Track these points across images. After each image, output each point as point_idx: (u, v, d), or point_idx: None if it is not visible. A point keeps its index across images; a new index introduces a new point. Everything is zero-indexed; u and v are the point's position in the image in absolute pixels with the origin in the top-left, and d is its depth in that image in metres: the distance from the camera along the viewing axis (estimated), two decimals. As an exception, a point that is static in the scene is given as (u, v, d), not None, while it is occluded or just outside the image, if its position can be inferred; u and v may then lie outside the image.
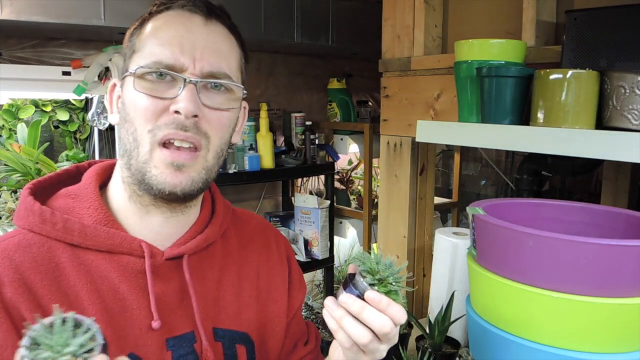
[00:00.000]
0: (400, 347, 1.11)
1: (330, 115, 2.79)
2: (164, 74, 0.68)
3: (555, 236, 0.84)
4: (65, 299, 0.65)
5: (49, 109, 2.58)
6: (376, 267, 0.70)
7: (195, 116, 0.67)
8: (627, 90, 0.89)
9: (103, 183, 0.76)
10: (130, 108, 0.69)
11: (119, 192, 0.73)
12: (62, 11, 1.78)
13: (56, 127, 2.67)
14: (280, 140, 2.72)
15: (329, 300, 0.71)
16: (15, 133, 2.47)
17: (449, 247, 1.35)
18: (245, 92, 0.74)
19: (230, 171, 2.21)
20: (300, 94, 2.99)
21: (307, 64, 2.98)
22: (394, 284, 0.69)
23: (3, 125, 2.51)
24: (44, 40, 2.13)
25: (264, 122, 2.35)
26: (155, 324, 0.68)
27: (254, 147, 2.33)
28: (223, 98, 0.71)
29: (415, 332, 1.30)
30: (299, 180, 2.97)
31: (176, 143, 0.67)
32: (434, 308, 1.37)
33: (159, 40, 0.69)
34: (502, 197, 2.30)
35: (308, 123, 2.54)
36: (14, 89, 2.12)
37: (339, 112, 2.75)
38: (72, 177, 0.78)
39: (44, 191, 0.74)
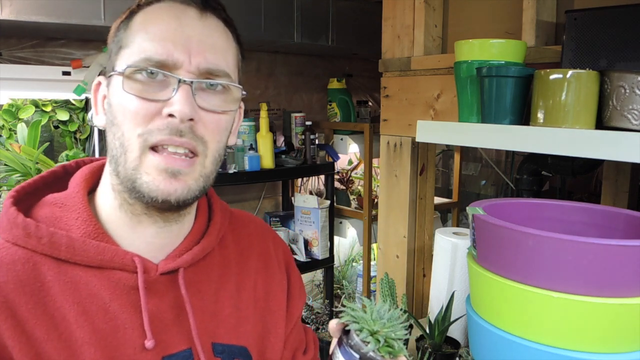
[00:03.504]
0: (400, 347, 1.11)
1: (330, 115, 2.78)
2: (156, 73, 0.61)
3: (555, 236, 0.84)
4: (51, 322, 0.60)
5: (49, 109, 2.59)
6: (372, 323, 0.62)
7: (191, 120, 0.62)
8: (627, 90, 0.89)
9: (92, 187, 0.70)
10: (118, 111, 0.63)
11: (108, 199, 0.67)
12: (62, 11, 1.78)
13: (56, 127, 2.67)
14: (280, 140, 2.71)
15: None
16: (15, 133, 2.47)
17: (449, 247, 1.35)
18: (244, 92, 0.68)
19: (230, 171, 2.21)
20: (300, 94, 2.99)
21: (307, 64, 2.98)
22: (393, 336, 0.62)
23: (3, 125, 2.51)
24: (44, 40, 2.13)
25: (264, 122, 2.35)
26: (149, 343, 0.63)
27: (254, 147, 2.33)
28: (220, 99, 0.65)
29: (415, 332, 1.30)
30: (299, 180, 2.97)
31: (170, 149, 0.61)
32: (434, 308, 1.37)
33: (148, 35, 0.62)
34: (502, 197, 2.30)
35: (308, 123, 2.54)
36: (14, 89, 2.12)
37: (339, 112, 2.75)
38: (60, 178, 0.72)
39: (28, 197, 0.68)
